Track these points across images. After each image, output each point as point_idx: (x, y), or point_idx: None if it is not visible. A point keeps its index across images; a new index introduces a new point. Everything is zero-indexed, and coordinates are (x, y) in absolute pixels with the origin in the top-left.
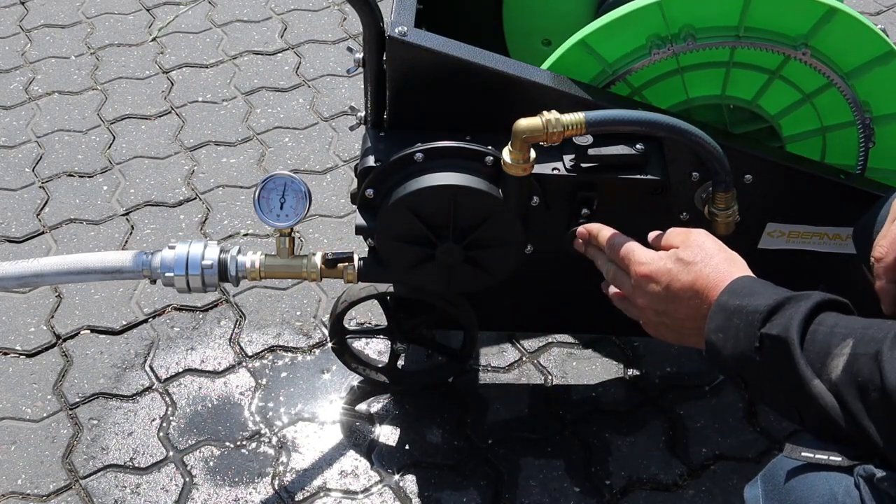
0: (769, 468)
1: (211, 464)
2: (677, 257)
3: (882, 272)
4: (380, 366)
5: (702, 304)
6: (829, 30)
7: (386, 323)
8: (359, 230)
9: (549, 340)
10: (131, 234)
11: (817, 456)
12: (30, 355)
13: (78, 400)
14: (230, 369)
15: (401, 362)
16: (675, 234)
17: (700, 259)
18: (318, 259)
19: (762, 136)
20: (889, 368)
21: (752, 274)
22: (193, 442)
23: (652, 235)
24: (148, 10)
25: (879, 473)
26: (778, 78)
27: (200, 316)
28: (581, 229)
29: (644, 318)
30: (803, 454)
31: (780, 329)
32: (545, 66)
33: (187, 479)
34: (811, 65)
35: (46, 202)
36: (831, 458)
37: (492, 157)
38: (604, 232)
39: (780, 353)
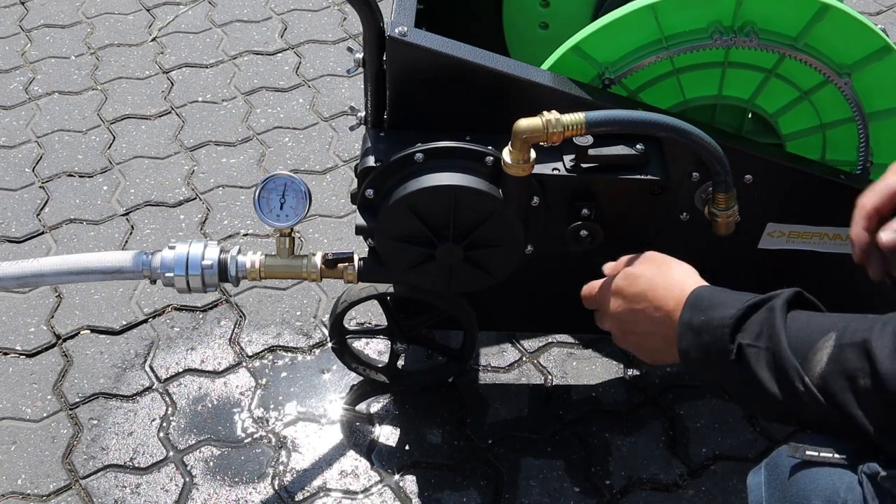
0: (774, 457)
1: (211, 464)
2: (626, 272)
3: (859, 217)
4: (380, 366)
5: (656, 313)
6: (823, 27)
7: (386, 323)
8: (359, 230)
9: (549, 340)
10: (131, 234)
11: (821, 454)
12: (30, 355)
13: (78, 400)
14: (230, 369)
15: (401, 362)
16: (627, 257)
17: (647, 271)
18: (318, 259)
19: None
20: (881, 354)
21: (702, 281)
22: (193, 442)
23: (609, 266)
24: (148, 10)
25: (883, 472)
26: (774, 76)
27: (200, 316)
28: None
29: (625, 345)
30: (808, 453)
31: (760, 339)
32: (544, 66)
33: (187, 479)
34: (807, 62)
35: (46, 202)
36: (835, 455)
37: (492, 158)
38: (586, 287)
39: (764, 362)
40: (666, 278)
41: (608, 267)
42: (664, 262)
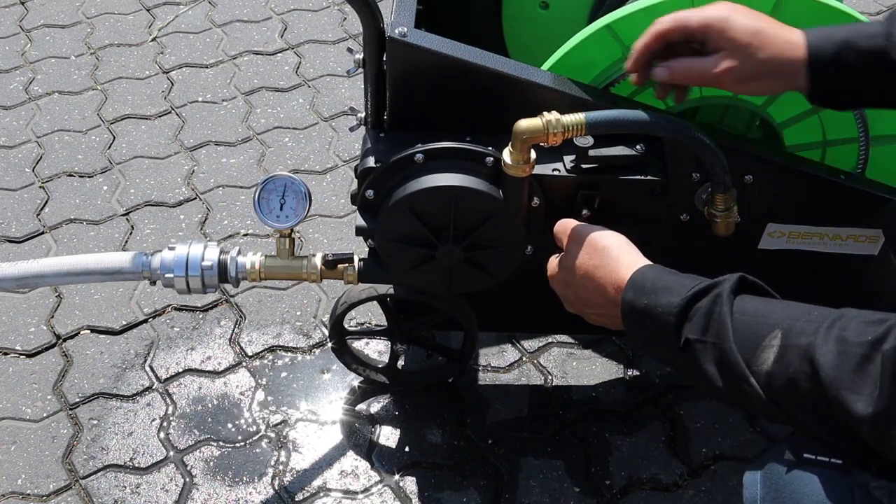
0: (770, 455)
1: (211, 464)
2: (562, 265)
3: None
4: (380, 366)
5: (608, 301)
6: (785, 14)
7: (386, 324)
8: (359, 231)
9: (549, 340)
10: (131, 234)
11: (818, 458)
12: (30, 355)
13: (78, 400)
14: (230, 369)
15: (401, 363)
16: (559, 233)
17: (589, 257)
18: (318, 260)
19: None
20: (824, 361)
21: (642, 257)
22: (193, 442)
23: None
24: (148, 10)
25: (874, 481)
26: None
27: (200, 316)
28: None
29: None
30: (805, 455)
31: (707, 333)
32: (569, 44)
33: (187, 479)
34: None
35: (46, 202)
36: (832, 460)
37: (492, 158)
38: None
39: (711, 358)
40: (605, 261)
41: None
42: (601, 247)
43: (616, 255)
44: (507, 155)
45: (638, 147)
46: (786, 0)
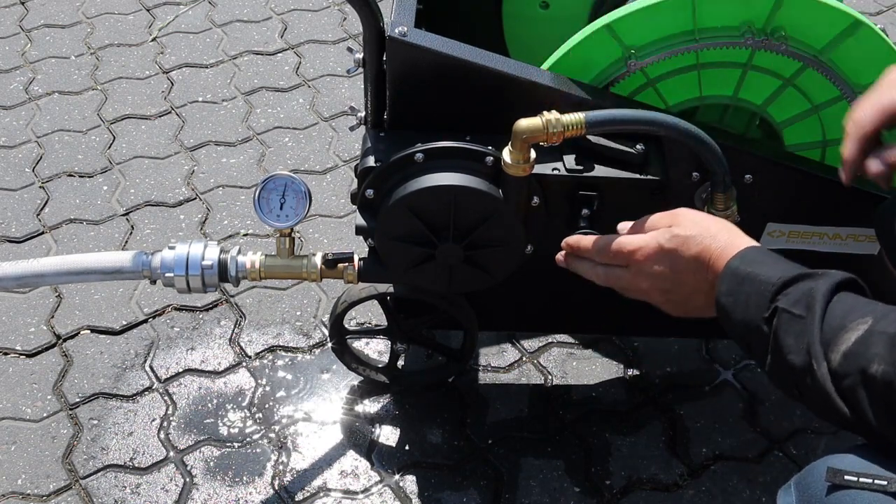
0: (805, 476)
1: (211, 464)
2: (673, 234)
3: (854, 137)
4: (380, 366)
5: (708, 274)
6: (785, 13)
7: (386, 323)
8: (359, 230)
9: (549, 340)
10: (131, 234)
11: (861, 480)
12: (30, 355)
13: (78, 400)
14: (230, 369)
15: (401, 362)
16: (660, 217)
17: (699, 232)
18: (318, 259)
19: None
20: None
21: (756, 242)
22: (193, 442)
23: (626, 225)
24: (148, 10)
25: None
26: (791, 86)
27: (200, 316)
28: (564, 244)
29: (649, 299)
30: (846, 478)
31: (797, 306)
32: (569, 43)
33: (187, 479)
34: (776, 51)
35: (46, 202)
36: (876, 482)
37: (492, 158)
38: (585, 240)
39: (793, 330)
40: (715, 236)
41: (628, 225)
42: (711, 223)
43: (735, 230)
44: (507, 154)
45: (638, 146)
46: (786, 0)
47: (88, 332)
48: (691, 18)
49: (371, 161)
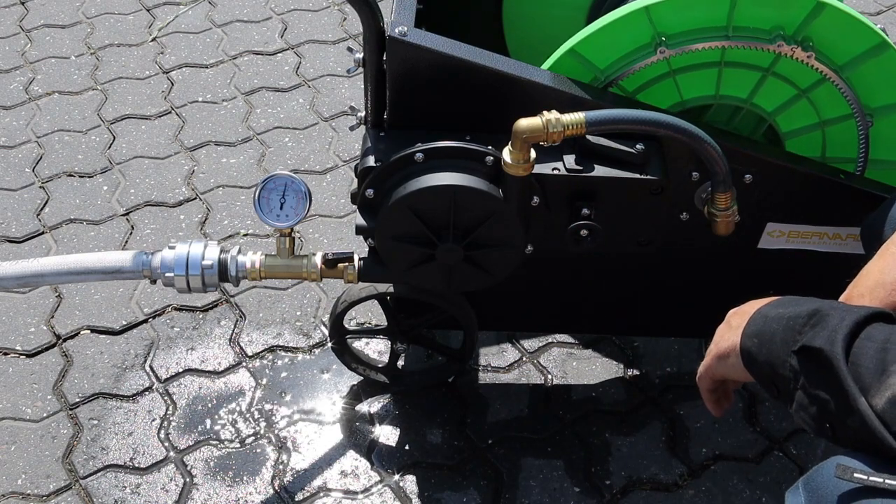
0: (814, 475)
1: (211, 464)
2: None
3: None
4: (380, 366)
5: (742, 315)
6: (819, 24)
7: (386, 323)
8: (359, 230)
9: (549, 340)
10: (131, 234)
11: (872, 479)
12: (30, 355)
13: (78, 400)
14: (230, 369)
15: (401, 362)
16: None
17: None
18: (318, 259)
19: None
20: None
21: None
22: (193, 442)
23: None
24: (148, 10)
25: None
26: (771, 75)
27: (200, 316)
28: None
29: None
30: (856, 476)
31: (822, 341)
32: (569, 44)
33: (187, 479)
34: (802, 60)
35: (46, 202)
36: (887, 480)
37: (492, 157)
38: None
39: (820, 367)
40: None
41: None
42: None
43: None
44: (507, 154)
45: (637, 146)
46: (824, 9)
47: (88, 332)
48: (727, 14)
49: (371, 161)
